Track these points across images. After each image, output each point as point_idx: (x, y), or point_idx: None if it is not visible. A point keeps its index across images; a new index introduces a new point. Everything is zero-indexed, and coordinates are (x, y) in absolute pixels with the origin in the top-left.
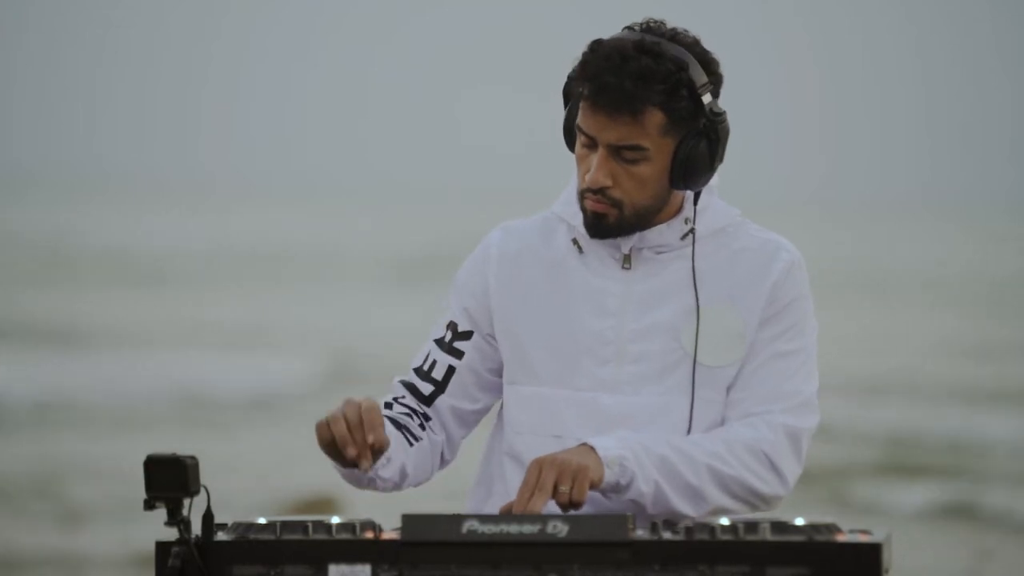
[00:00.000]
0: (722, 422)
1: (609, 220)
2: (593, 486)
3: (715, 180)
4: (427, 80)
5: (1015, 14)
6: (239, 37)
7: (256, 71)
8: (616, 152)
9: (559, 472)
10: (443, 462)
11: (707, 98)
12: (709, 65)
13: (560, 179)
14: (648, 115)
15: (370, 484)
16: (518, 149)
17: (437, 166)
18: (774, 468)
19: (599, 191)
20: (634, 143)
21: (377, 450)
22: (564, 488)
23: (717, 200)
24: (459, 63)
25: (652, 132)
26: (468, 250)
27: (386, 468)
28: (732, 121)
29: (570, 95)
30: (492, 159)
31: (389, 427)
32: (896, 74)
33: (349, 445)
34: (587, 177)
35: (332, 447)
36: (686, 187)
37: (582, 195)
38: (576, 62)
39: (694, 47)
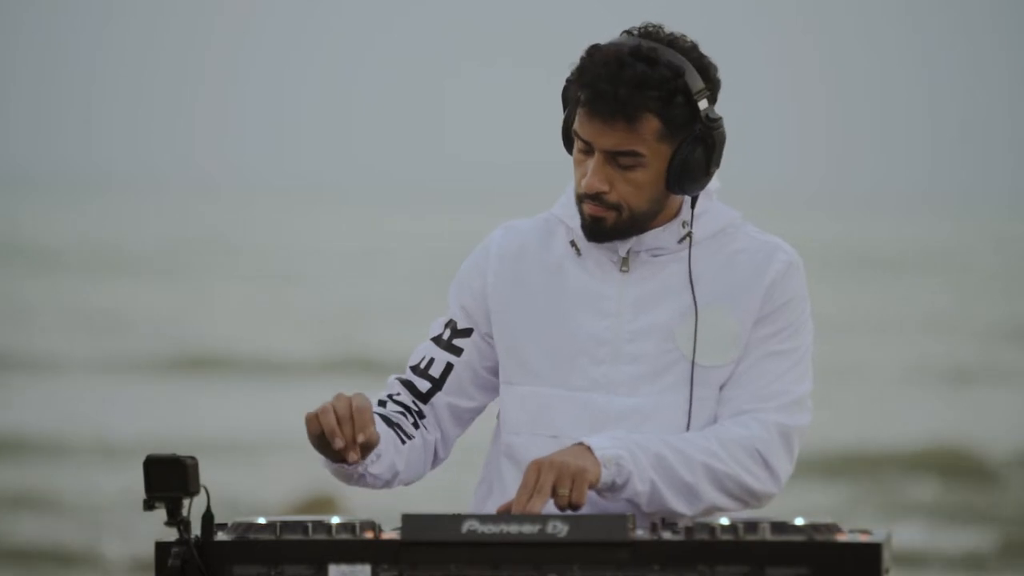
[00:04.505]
0: (715, 420)
1: (607, 223)
2: (591, 486)
3: (715, 184)
4: (429, 78)
5: (1016, 14)
6: (236, 37)
7: (254, 71)
8: (612, 158)
9: (558, 474)
10: (436, 460)
11: (703, 104)
12: (706, 71)
13: (556, 180)
14: (644, 122)
15: (360, 480)
16: (520, 149)
17: (439, 166)
18: (767, 466)
19: (596, 196)
20: (630, 149)
21: (367, 446)
22: (563, 491)
23: (716, 203)
24: (460, 62)
25: (648, 138)
26: (468, 251)
27: (376, 465)
28: (735, 121)
29: (568, 99)
30: (494, 159)
31: (380, 425)
32: (898, 73)
33: (337, 436)
34: (583, 182)
35: (321, 439)
36: (682, 192)
37: (579, 199)
38: (574, 66)
39: (691, 52)
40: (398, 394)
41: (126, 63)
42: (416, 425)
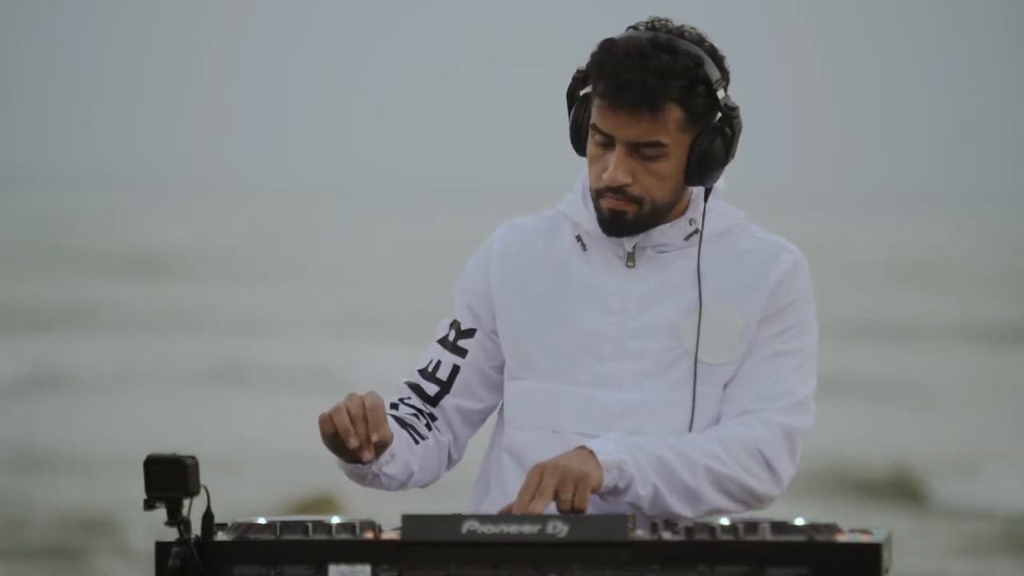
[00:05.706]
0: (719, 417)
1: (628, 217)
2: (593, 491)
3: (721, 183)
4: (429, 78)
5: (1016, 14)
6: (236, 37)
7: (254, 71)
8: (635, 149)
9: (561, 478)
10: (450, 462)
11: (721, 93)
12: (720, 61)
13: (556, 181)
14: (668, 111)
15: (375, 481)
16: (520, 149)
17: (439, 166)
18: (769, 467)
19: (618, 189)
20: (655, 140)
21: (380, 445)
22: (566, 495)
23: (721, 203)
24: (460, 62)
25: (671, 128)
26: (470, 251)
27: (390, 464)
28: None
29: (575, 97)
30: (494, 159)
31: (394, 426)
32: (898, 73)
33: (351, 436)
34: (605, 176)
35: (335, 440)
36: (700, 183)
37: (599, 194)
38: (588, 62)
39: (701, 43)
40: (409, 398)
41: (126, 63)
42: (429, 427)
